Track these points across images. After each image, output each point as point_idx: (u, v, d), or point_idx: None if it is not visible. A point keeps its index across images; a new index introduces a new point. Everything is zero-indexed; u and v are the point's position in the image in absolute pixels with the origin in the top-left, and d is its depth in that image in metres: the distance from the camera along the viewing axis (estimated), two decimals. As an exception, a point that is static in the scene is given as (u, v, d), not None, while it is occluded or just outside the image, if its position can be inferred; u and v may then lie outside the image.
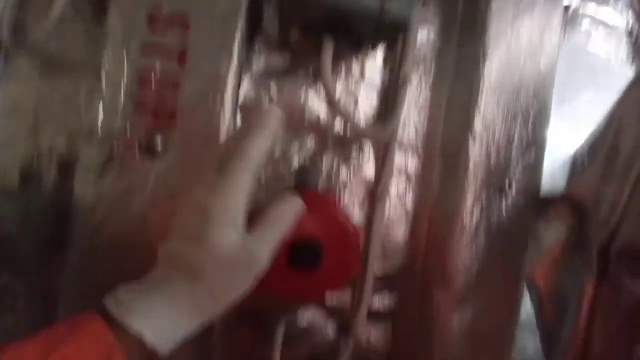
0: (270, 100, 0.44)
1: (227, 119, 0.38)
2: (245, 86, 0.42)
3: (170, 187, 0.36)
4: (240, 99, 0.42)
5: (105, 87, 0.36)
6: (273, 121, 0.28)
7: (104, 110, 0.36)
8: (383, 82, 0.46)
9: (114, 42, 0.36)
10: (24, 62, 0.39)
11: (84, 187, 0.35)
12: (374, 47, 0.44)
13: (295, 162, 0.43)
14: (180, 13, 0.36)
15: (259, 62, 0.43)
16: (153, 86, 0.36)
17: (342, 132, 0.44)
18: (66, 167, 0.37)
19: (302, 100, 0.44)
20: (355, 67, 0.46)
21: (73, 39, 0.40)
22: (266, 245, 0.26)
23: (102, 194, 0.35)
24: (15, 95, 0.39)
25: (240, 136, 0.28)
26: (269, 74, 0.44)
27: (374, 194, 0.42)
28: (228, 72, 0.38)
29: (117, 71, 0.36)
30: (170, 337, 0.24)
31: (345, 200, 0.43)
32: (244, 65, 0.41)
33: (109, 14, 0.37)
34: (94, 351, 0.22)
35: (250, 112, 0.41)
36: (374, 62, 0.46)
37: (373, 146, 0.44)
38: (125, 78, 0.36)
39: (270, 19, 0.43)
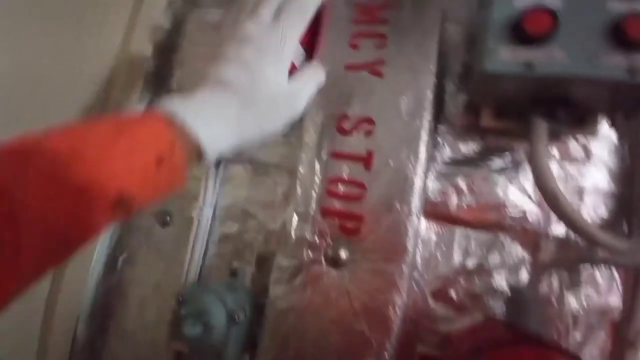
0: (460, 195, 0.38)
1: (414, 225, 0.34)
2: (431, 182, 0.38)
3: (354, 298, 0.34)
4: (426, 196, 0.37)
5: (299, 192, 0.38)
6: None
7: (297, 214, 0.37)
8: (620, 167, 0.34)
9: (307, 148, 0.38)
10: (238, 169, 0.46)
11: (277, 289, 0.37)
12: (613, 119, 0.33)
13: (497, 281, 0.34)
14: (366, 117, 0.36)
15: (443, 153, 0.39)
16: (341, 191, 0.36)
17: (564, 239, 0.34)
18: (264, 266, 0.40)
19: (499, 195, 0.37)
20: (575, 147, 0.36)
21: (273, 144, 0.45)
22: (306, 90, 0.31)
23: (292, 299, 0.36)
24: (230, 196, 0.46)
25: None
26: (457, 165, 0.39)
27: (623, 338, 0.29)
28: (415, 173, 0.34)
29: (309, 177, 0.38)
30: (217, 146, 0.26)
31: (576, 347, 0.31)
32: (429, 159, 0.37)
33: (304, 119, 0.39)
34: (155, 140, 0.23)
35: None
36: (604, 139, 0.35)
37: (614, 264, 0.32)
38: (316, 184, 0.37)
39: (456, 105, 0.39)
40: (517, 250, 0.35)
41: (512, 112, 0.36)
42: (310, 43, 0.37)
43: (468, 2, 0.39)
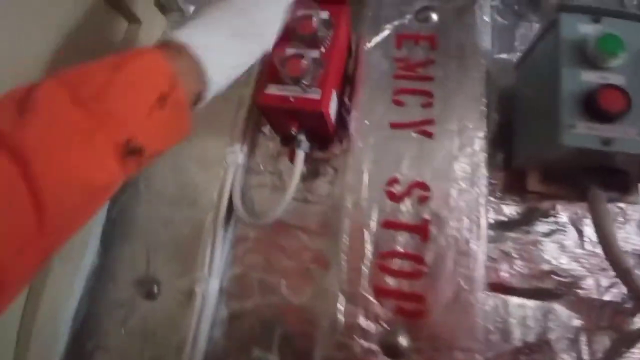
0: (510, 261, 0.36)
1: (482, 302, 0.31)
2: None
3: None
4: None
5: (344, 266, 0.32)
6: None
7: (343, 294, 0.32)
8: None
9: (351, 214, 0.34)
10: (251, 231, 0.39)
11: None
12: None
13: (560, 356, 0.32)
14: (419, 182, 0.33)
15: (488, 216, 0.37)
16: (396, 267, 0.32)
17: (618, 305, 0.33)
18: (290, 353, 0.34)
19: (549, 261, 0.36)
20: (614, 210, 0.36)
21: (298, 205, 0.39)
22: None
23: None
24: (242, 263, 0.39)
25: None
26: (502, 229, 0.37)
27: None
28: (478, 244, 0.31)
29: (356, 249, 0.33)
30: (224, 72, 0.25)
31: None
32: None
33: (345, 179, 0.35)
34: (155, 76, 0.22)
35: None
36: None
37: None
38: (366, 258, 0.32)
39: (496, 165, 0.38)
40: (573, 319, 0.33)
41: (559, 176, 0.35)
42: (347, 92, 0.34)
43: (503, 65, 0.40)
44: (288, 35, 0.35)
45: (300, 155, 0.37)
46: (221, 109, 0.49)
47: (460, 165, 0.33)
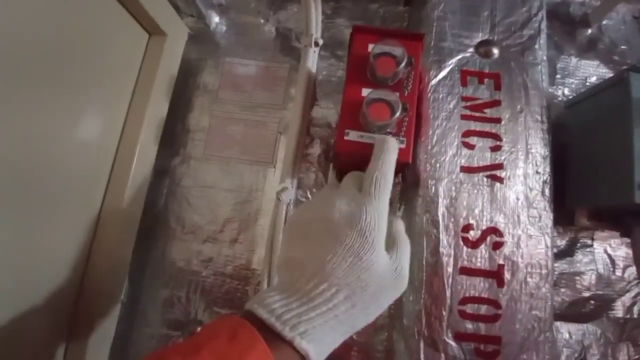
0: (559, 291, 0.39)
1: (555, 342, 0.33)
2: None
3: None
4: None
5: (423, 312, 0.33)
6: (395, 149, 0.29)
7: (423, 340, 0.33)
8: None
9: (431, 263, 0.34)
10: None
11: None
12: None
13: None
14: (492, 228, 0.34)
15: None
16: (474, 312, 0.33)
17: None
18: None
19: (591, 289, 0.40)
20: None
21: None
22: (405, 262, 0.26)
23: None
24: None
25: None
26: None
27: None
28: (548, 288, 0.34)
29: (438, 296, 0.33)
30: (326, 352, 0.23)
31: None
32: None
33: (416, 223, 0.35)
34: None
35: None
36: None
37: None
38: (446, 304, 0.33)
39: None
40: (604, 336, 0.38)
41: (604, 215, 0.38)
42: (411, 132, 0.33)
43: (549, 98, 0.41)
44: (364, 75, 0.33)
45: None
46: (261, 138, 0.46)
47: (530, 211, 0.35)
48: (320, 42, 0.44)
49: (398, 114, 0.30)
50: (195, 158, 0.45)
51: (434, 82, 0.38)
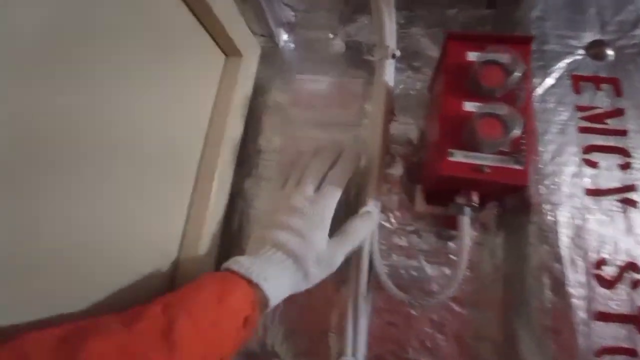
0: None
1: None
2: None
3: None
4: None
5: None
6: (356, 158, 0.37)
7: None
8: None
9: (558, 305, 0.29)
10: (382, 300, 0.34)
11: None
12: None
13: None
14: (631, 263, 0.28)
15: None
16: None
17: None
18: None
19: None
20: None
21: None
22: (341, 252, 0.33)
23: None
24: None
25: (322, 159, 0.37)
26: None
27: None
28: None
29: (563, 345, 0.28)
30: (278, 297, 0.31)
31: None
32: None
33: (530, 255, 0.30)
34: (244, 304, 0.28)
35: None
36: None
37: None
38: (580, 353, 0.28)
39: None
40: None
41: None
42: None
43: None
44: (465, 86, 0.29)
45: (466, 222, 0.31)
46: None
47: (677, 241, 0.29)
48: (398, 53, 0.41)
49: (515, 130, 0.26)
50: (267, 179, 0.43)
51: (539, 90, 0.33)
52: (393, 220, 0.39)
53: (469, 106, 0.29)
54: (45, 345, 0.19)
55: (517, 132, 0.27)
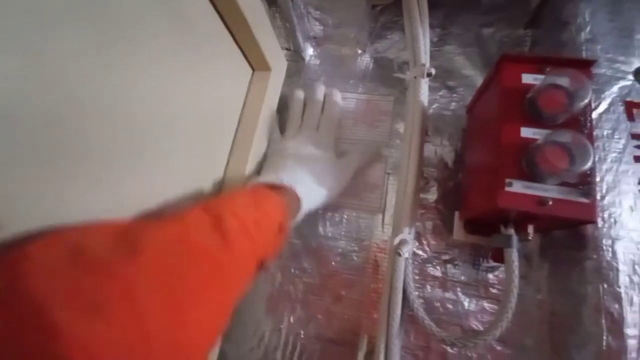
0: None
1: None
2: None
3: None
4: None
5: None
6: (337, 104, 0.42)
7: None
8: None
9: None
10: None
11: None
12: None
13: None
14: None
15: None
16: None
17: None
18: None
19: None
20: None
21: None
22: (352, 165, 0.38)
23: None
24: None
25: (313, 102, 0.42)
26: None
27: None
28: None
29: None
30: (309, 199, 0.34)
31: None
32: None
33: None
34: (277, 211, 0.29)
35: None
36: None
37: None
38: None
39: None
40: None
41: None
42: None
43: None
44: (521, 110, 0.27)
45: (514, 255, 0.29)
46: (367, 180, 0.41)
47: None
48: (433, 72, 0.39)
49: (584, 160, 0.24)
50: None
51: (594, 115, 0.31)
52: (427, 248, 0.37)
53: (527, 132, 0.27)
54: (104, 237, 0.19)
55: (587, 162, 0.25)
